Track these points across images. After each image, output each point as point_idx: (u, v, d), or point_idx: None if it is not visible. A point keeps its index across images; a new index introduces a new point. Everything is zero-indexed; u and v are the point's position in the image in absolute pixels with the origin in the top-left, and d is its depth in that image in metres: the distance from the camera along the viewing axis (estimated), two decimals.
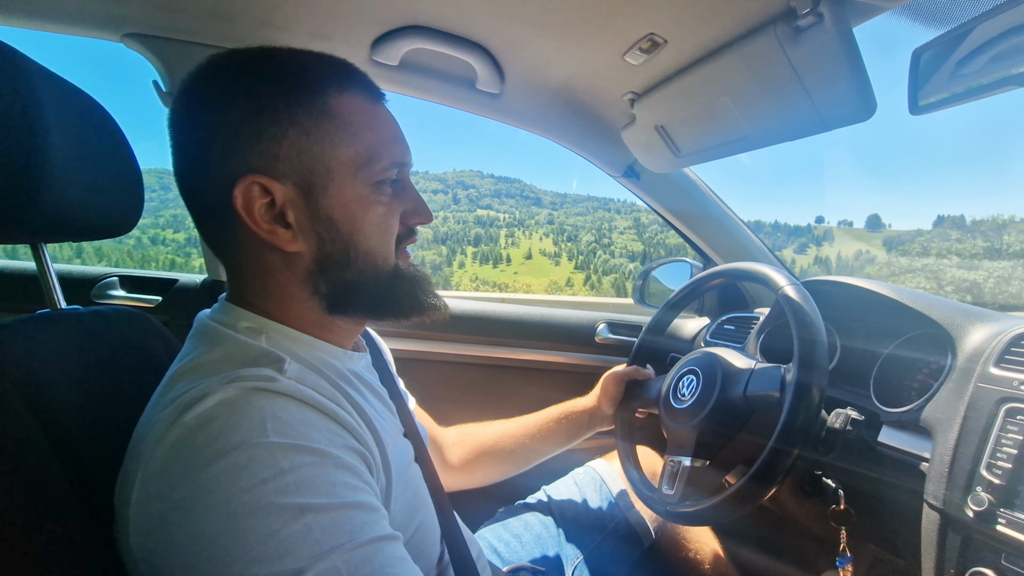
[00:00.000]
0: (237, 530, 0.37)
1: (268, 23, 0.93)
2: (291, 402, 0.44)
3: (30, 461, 0.45)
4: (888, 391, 0.81)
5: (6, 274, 1.20)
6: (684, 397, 0.84)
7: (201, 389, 0.43)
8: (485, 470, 0.94)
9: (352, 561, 0.39)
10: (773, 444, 0.65)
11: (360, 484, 0.44)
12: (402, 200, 0.58)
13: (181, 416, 0.41)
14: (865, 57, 0.69)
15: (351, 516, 0.41)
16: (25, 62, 0.51)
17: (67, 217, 0.55)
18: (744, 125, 0.87)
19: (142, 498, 0.41)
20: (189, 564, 0.38)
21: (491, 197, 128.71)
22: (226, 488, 0.38)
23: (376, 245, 0.55)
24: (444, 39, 0.95)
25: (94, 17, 0.93)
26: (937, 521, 0.63)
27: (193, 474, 0.39)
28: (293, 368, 0.48)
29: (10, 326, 0.52)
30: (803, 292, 0.74)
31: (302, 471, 0.40)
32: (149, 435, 0.43)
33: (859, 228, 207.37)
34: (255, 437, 0.40)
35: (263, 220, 0.50)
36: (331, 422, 0.46)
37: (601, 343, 1.41)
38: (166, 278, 1.28)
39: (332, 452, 0.43)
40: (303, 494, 0.39)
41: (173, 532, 0.39)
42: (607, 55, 0.93)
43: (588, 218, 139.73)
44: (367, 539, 0.41)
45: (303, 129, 0.50)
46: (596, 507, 0.99)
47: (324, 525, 0.39)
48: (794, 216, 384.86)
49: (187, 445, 0.40)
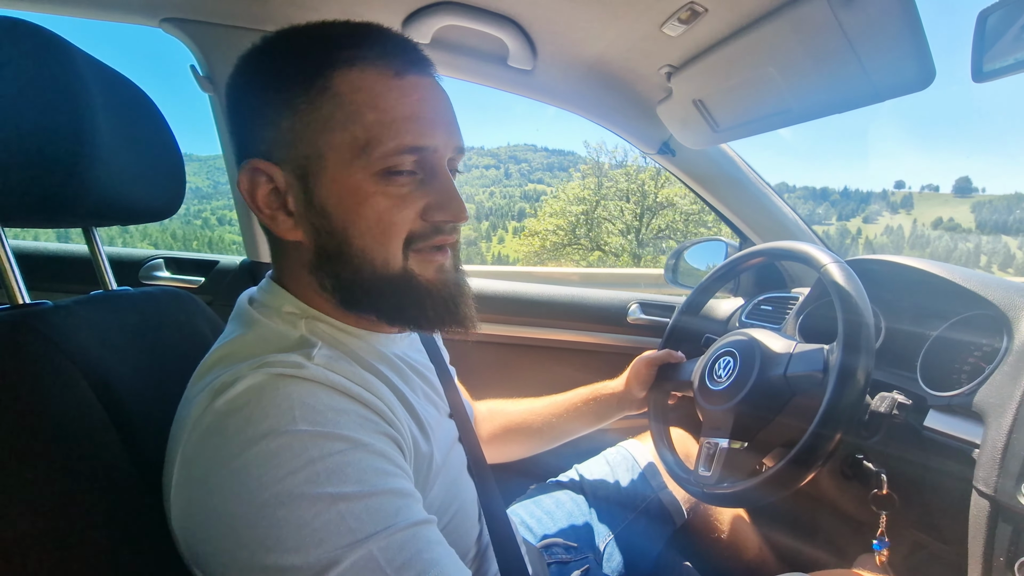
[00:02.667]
0: (272, 520, 0.37)
1: (301, 4, 0.93)
2: (319, 388, 0.44)
3: (95, 440, 0.47)
4: (936, 374, 0.78)
5: (61, 257, 1.26)
6: (721, 379, 0.82)
7: (232, 374, 0.43)
8: (511, 446, 0.95)
9: (388, 548, 0.39)
10: (815, 428, 0.64)
11: (392, 469, 0.44)
12: (424, 192, 0.51)
13: (213, 401, 0.42)
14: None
15: (384, 503, 0.41)
16: (73, 51, 0.52)
17: (116, 202, 0.57)
18: (789, 97, 0.83)
19: (180, 481, 0.42)
20: (225, 549, 0.39)
21: (543, 171, 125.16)
22: (257, 477, 0.38)
23: (372, 244, 0.49)
24: (476, 14, 0.93)
25: (133, 3, 0.94)
26: (987, 509, 0.61)
27: (225, 460, 0.40)
28: (322, 354, 0.48)
29: (68, 307, 0.55)
30: (847, 270, 0.71)
31: (332, 459, 0.40)
32: (186, 419, 0.44)
33: (945, 193, 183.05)
34: (284, 425, 0.40)
35: (266, 205, 0.50)
36: (360, 407, 0.45)
37: (633, 323, 1.40)
38: (208, 259, 1.32)
39: (362, 439, 0.43)
40: (334, 483, 0.39)
41: (209, 517, 0.39)
42: (644, 26, 0.89)
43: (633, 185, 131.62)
44: (402, 525, 0.40)
45: (297, 111, 0.47)
46: (628, 487, 1.00)
47: (357, 513, 0.39)
48: (868, 182, 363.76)
49: (219, 431, 0.41)
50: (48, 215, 0.54)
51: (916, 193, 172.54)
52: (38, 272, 1.25)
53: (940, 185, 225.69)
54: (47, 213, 0.53)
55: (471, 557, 0.63)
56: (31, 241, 1.28)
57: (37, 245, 1.27)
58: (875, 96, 0.73)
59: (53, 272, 1.24)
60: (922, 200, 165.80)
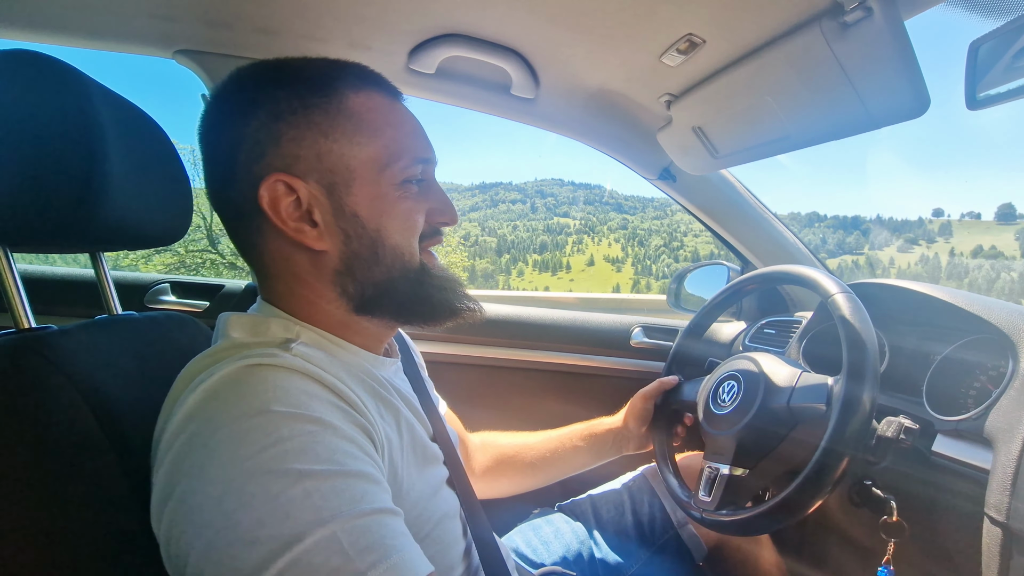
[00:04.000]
0: (239, 494, 0.38)
1: (310, 36, 0.96)
2: (293, 374, 0.45)
3: (90, 455, 0.48)
4: (942, 398, 0.77)
5: (69, 281, 1.27)
6: (724, 403, 0.82)
7: (210, 371, 0.45)
8: (504, 480, 0.93)
9: (352, 531, 0.39)
10: (818, 459, 0.64)
11: (360, 455, 0.44)
12: (427, 198, 0.58)
13: (191, 393, 0.44)
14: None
15: (350, 484, 0.41)
16: (84, 80, 0.54)
17: (124, 227, 0.58)
18: (787, 124, 0.85)
19: (159, 474, 0.43)
20: (199, 529, 0.39)
21: (568, 204, 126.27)
22: (229, 455, 0.39)
23: (402, 241, 0.55)
24: (480, 46, 0.96)
25: (147, 36, 0.97)
26: (999, 536, 0.60)
27: (199, 444, 0.41)
28: (301, 349, 0.49)
29: (71, 331, 0.55)
30: (855, 302, 0.71)
31: (301, 439, 0.41)
32: (166, 414, 0.45)
33: (987, 220, 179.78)
34: (257, 406, 0.41)
35: (290, 218, 0.52)
36: (333, 395, 0.47)
37: (637, 347, 1.40)
38: (213, 284, 1.32)
39: (332, 421, 0.44)
40: (302, 461, 0.40)
41: (183, 501, 0.40)
42: (643, 57, 0.92)
43: (665, 221, 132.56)
44: (367, 510, 0.41)
45: (321, 130, 0.51)
46: (645, 519, 0.95)
47: (323, 492, 0.39)
48: (904, 210, 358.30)
49: (194, 418, 0.42)
50: (56, 240, 0.55)
51: (955, 221, 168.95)
52: (45, 296, 1.26)
53: (982, 212, 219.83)
54: (55, 238, 0.54)
55: (459, 574, 0.62)
56: (39, 265, 1.29)
57: (44, 269, 1.28)
58: (871, 124, 0.75)
59: (60, 296, 1.25)
60: (961, 228, 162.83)
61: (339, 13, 0.89)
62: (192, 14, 0.91)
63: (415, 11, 0.88)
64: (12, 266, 0.54)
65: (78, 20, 0.93)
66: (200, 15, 0.91)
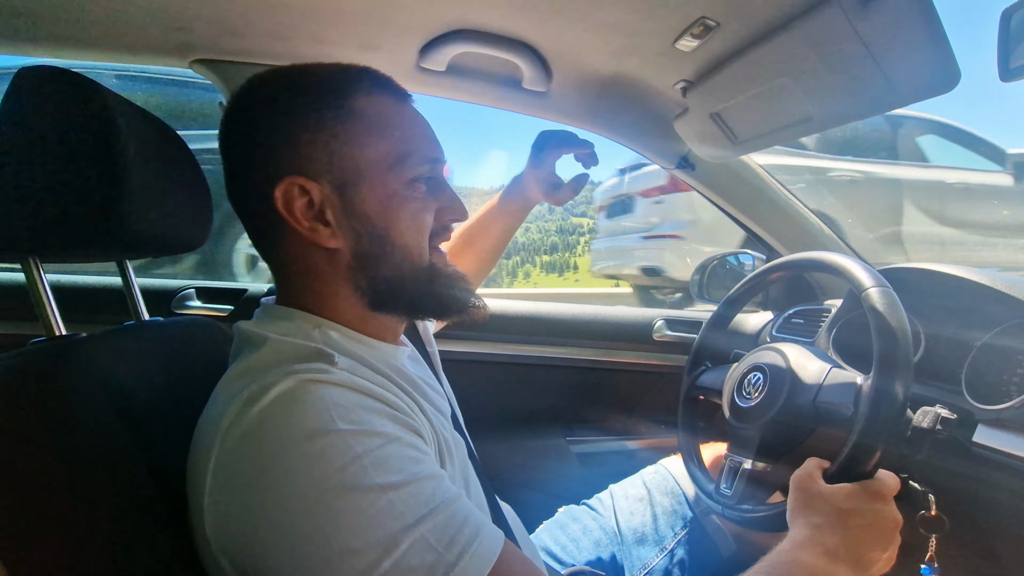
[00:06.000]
0: (330, 510, 0.41)
1: (321, 39, 0.97)
2: (346, 390, 0.47)
3: (119, 460, 0.49)
4: (983, 387, 0.74)
5: (97, 289, 1.31)
6: (750, 396, 0.80)
7: (261, 384, 0.45)
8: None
9: (435, 529, 0.42)
10: (847, 453, 0.62)
11: (422, 456, 0.47)
12: (437, 197, 0.60)
13: (247, 410, 0.44)
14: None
15: (423, 487, 0.44)
16: (106, 94, 0.55)
17: (148, 235, 0.59)
18: (808, 106, 0.82)
19: (215, 488, 0.44)
20: (284, 545, 0.41)
21: (586, 204, 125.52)
22: (308, 475, 0.41)
23: (411, 240, 0.57)
24: (489, 40, 0.95)
25: (165, 47, 0.99)
26: None
27: (271, 463, 0.42)
28: (343, 362, 0.51)
29: (99, 338, 0.57)
30: (891, 297, 0.68)
31: (374, 453, 0.43)
32: (215, 431, 0.45)
33: None
34: (325, 425, 0.43)
35: (304, 218, 0.54)
36: (384, 405, 0.49)
37: (660, 340, 1.37)
38: (236, 288, 1.35)
39: (394, 432, 0.46)
40: (380, 475, 0.42)
41: (260, 519, 0.42)
42: (657, 43, 0.90)
43: None
44: (441, 506, 0.44)
45: (332, 133, 0.53)
46: (668, 512, 0.94)
47: (404, 499, 0.42)
48: None
49: (258, 438, 0.43)
50: (85, 250, 0.57)
51: None
52: (76, 304, 1.30)
53: None
54: (83, 248, 0.56)
55: None
56: (69, 275, 1.34)
57: (75, 279, 1.32)
58: (899, 101, 0.71)
59: (89, 304, 1.29)
60: None
61: (347, 15, 0.89)
62: (205, 24, 0.92)
63: (423, 8, 0.87)
64: (42, 275, 0.56)
65: (100, 35, 0.95)
66: (213, 25, 0.92)
